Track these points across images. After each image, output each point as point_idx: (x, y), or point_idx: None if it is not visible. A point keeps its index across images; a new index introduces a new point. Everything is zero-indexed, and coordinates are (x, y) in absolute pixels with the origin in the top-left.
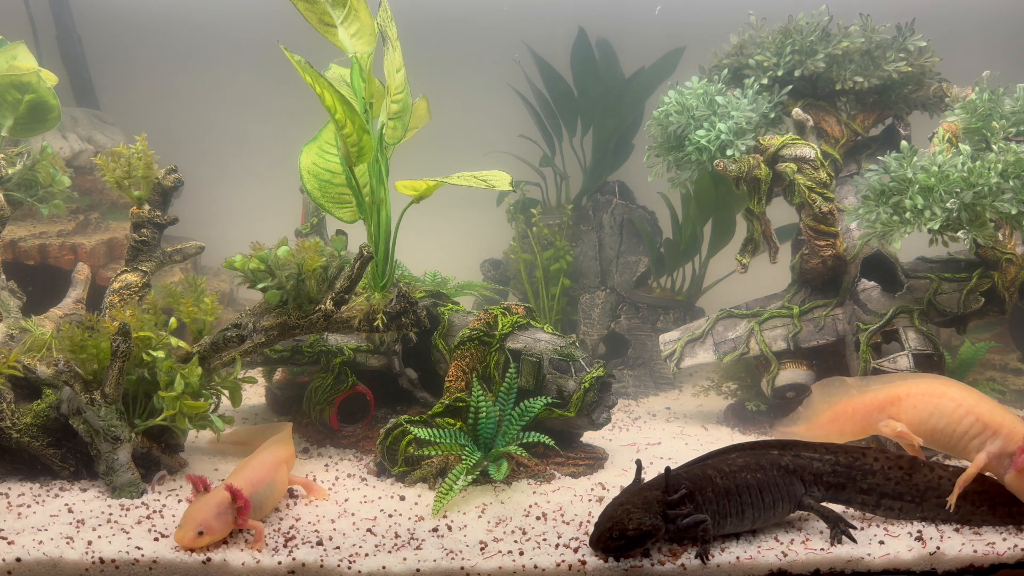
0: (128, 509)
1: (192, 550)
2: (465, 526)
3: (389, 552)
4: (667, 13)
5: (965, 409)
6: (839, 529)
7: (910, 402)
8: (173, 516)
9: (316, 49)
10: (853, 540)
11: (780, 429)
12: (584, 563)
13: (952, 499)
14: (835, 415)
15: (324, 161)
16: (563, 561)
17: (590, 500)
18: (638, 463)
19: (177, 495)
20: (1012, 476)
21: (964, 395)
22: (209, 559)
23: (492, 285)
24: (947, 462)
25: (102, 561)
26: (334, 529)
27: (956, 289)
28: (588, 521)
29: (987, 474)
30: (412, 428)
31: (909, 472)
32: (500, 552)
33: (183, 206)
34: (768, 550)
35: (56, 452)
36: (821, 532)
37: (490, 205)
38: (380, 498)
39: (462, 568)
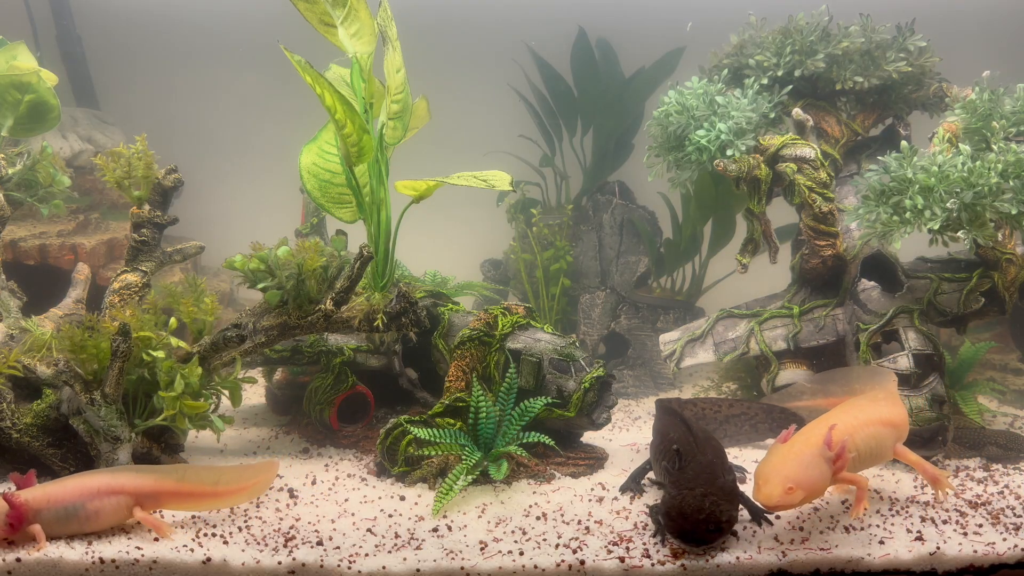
0: None
1: None
2: (465, 526)
3: (389, 552)
4: (667, 13)
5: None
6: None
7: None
8: (172, 515)
9: (316, 49)
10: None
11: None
12: (583, 563)
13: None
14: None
15: (324, 161)
16: (563, 561)
17: (590, 500)
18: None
19: None
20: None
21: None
22: (209, 559)
23: (492, 285)
24: None
25: (102, 561)
26: (334, 529)
27: (956, 289)
28: (588, 521)
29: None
30: (412, 428)
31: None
32: (500, 552)
33: (183, 206)
34: (768, 550)
35: (56, 452)
36: (821, 532)
37: (490, 205)
38: (380, 498)
39: (462, 568)
